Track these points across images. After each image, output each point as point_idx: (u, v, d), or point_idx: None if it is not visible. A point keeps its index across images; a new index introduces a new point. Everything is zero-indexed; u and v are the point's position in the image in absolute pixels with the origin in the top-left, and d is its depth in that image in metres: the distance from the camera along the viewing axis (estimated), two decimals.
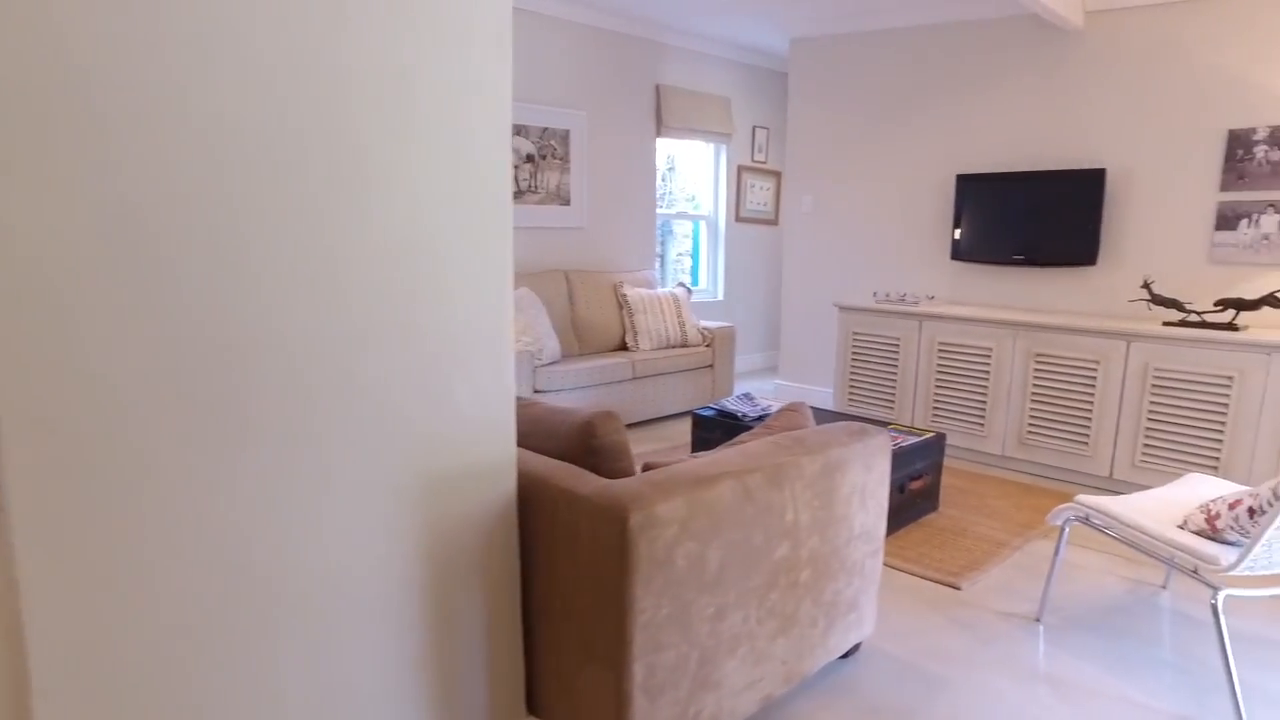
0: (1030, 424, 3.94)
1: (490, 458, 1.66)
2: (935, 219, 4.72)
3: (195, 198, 1.23)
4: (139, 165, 1.18)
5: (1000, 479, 3.89)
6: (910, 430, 3.42)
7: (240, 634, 1.36)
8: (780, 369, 5.69)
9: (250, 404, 1.32)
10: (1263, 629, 2.49)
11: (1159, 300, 3.68)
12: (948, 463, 4.16)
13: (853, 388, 4.67)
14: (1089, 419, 3.75)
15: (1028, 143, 4.29)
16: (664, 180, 6.55)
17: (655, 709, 1.61)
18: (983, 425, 4.12)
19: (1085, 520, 2.32)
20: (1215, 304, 3.52)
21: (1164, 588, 2.77)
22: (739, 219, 6.56)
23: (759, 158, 6.61)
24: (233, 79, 1.25)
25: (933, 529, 3.22)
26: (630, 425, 4.91)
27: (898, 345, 4.44)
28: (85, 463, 1.17)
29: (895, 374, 4.46)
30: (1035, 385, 3.91)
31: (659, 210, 6.22)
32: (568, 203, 5.35)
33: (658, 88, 5.77)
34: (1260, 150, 3.61)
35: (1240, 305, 3.45)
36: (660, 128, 5.82)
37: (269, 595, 1.38)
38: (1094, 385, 3.72)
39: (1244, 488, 2.42)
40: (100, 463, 1.18)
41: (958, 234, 4.50)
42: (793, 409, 2.34)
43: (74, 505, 1.17)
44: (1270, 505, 1.94)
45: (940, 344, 4.25)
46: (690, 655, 1.67)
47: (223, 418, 1.29)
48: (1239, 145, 3.65)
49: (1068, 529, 2.40)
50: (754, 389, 5.98)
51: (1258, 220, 3.63)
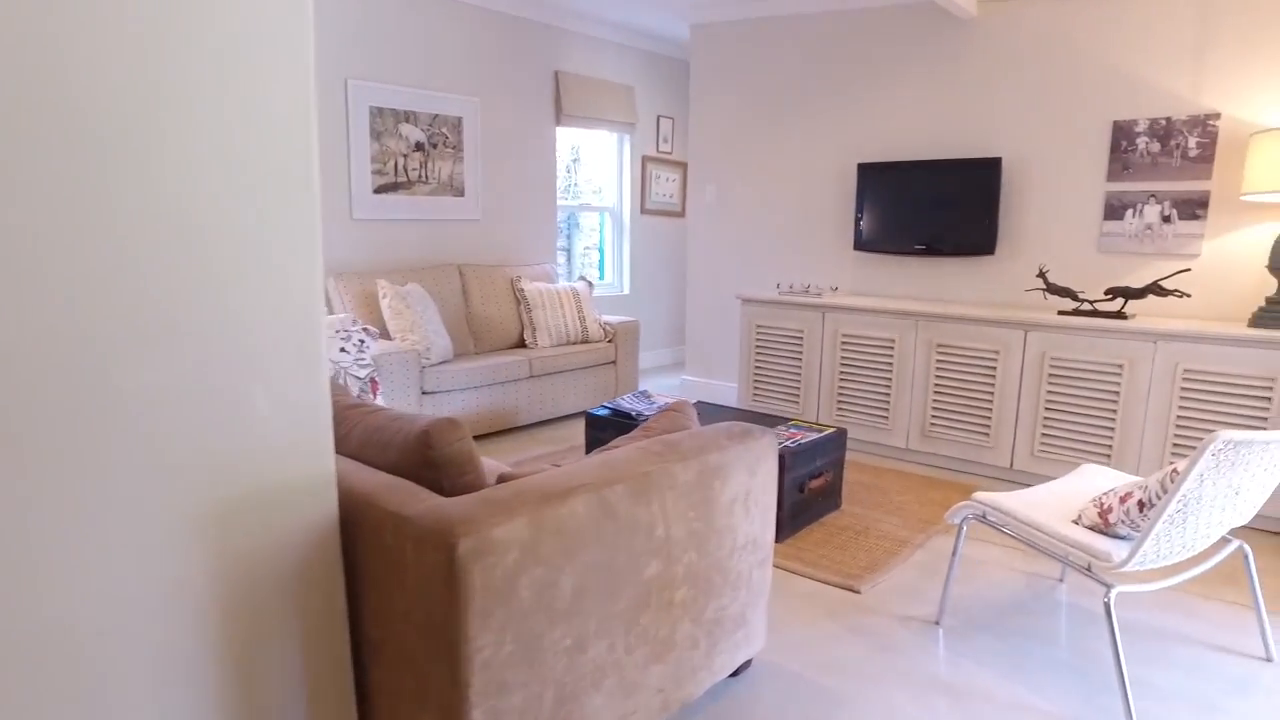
0: (933, 416, 3.89)
1: (301, 476, 1.40)
2: (838, 209, 4.64)
3: None
4: None
5: (904, 472, 3.82)
6: (811, 426, 3.29)
7: None
8: (687, 364, 5.54)
9: None
10: (1155, 619, 2.44)
11: (1053, 289, 3.67)
12: (852, 457, 4.08)
13: (757, 382, 4.55)
14: (990, 410, 3.72)
15: (927, 131, 4.25)
16: (568, 171, 6.32)
17: None
18: (887, 418, 4.05)
19: (982, 518, 2.21)
20: (1105, 293, 3.53)
21: (1061, 580, 2.71)
22: (644, 211, 6.38)
23: (664, 148, 6.44)
24: None
25: (834, 528, 3.10)
26: (528, 426, 4.66)
27: (801, 338, 4.33)
28: None
29: (799, 367, 4.35)
30: (937, 377, 3.86)
31: (563, 202, 5.98)
32: (462, 194, 5.05)
33: (556, 75, 5.52)
34: (1142, 142, 3.64)
35: (1128, 294, 3.46)
36: (560, 116, 5.58)
37: (14, 653, 1.10)
38: (994, 375, 3.69)
39: (1136, 479, 2.36)
40: None
41: (860, 224, 4.42)
42: (675, 409, 2.15)
43: None
44: (1159, 498, 1.86)
45: (843, 336, 4.16)
46: (544, 695, 1.45)
47: None
48: (1123, 137, 3.67)
49: (965, 527, 2.29)
50: (661, 385, 5.82)
51: (1141, 210, 3.66)
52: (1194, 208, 3.52)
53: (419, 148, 4.79)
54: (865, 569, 2.74)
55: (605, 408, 3.54)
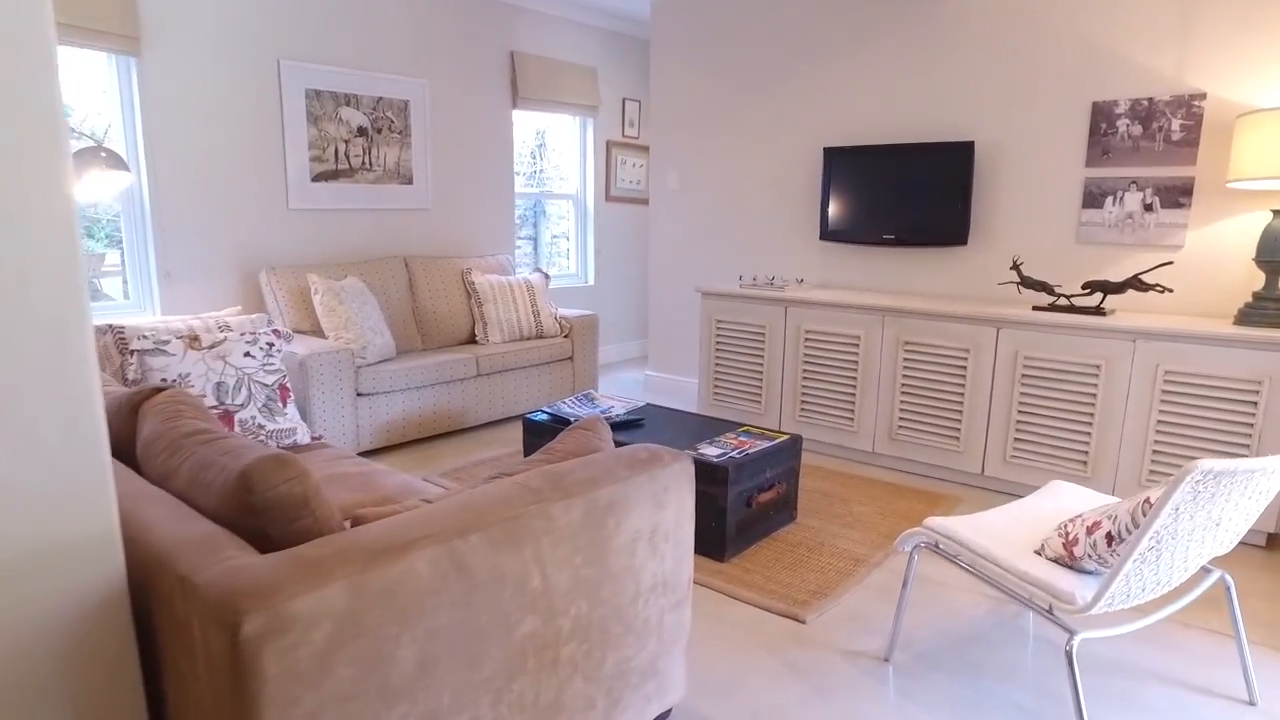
0: (901, 418, 3.65)
1: (69, 537, 1.14)
2: (804, 197, 4.38)
3: None
4: None
5: (869, 479, 3.58)
6: (764, 433, 3.04)
7: None
8: (650, 359, 5.28)
9: None
10: (1128, 653, 2.21)
11: (1028, 282, 3.42)
12: (816, 462, 3.84)
13: (718, 382, 4.30)
14: (960, 412, 3.47)
15: (896, 114, 3.98)
16: (534, 157, 6.03)
17: None
18: (852, 420, 3.81)
19: (934, 547, 1.97)
20: (1083, 286, 3.28)
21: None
22: (609, 198, 6.10)
23: (630, 132, 6.16)
24: None
25: (785, 545, 2.86)
26: (476, 427, 4.40)
27: (763, 334, 4.08)
28: None
29: (761, 366, 4.10)
30: (905, 376, 3.61)
31: (525, 189, 5.70)
32: (410, 181, 4.77)
33: (513, 55, 5.23)
34: (1122, 124, 3.38)
35: (1106, 288, 3.21)
36: (516, 99, 5.29)
37: None
38: (964, 375, 3.44)
39: (1107, 501, 2.12)
40: None
41: (827, 213, 4.16)
42: (585, 428, 1.89)
43: None
44: (1129, 531, 1.62)
45: (807, 332, 3.91)
46: None
47: None
48: (1103, 119, 3.42)
49: (917, 556, 2.05)
50: (625, 380, 5.56)
51: (1122, 198, 3.41)
52: (1177, 195, 3.27)
53: (361, 133, 4.50)
54: (814, 593, 2.50)
55: (544, 412, 3.28)
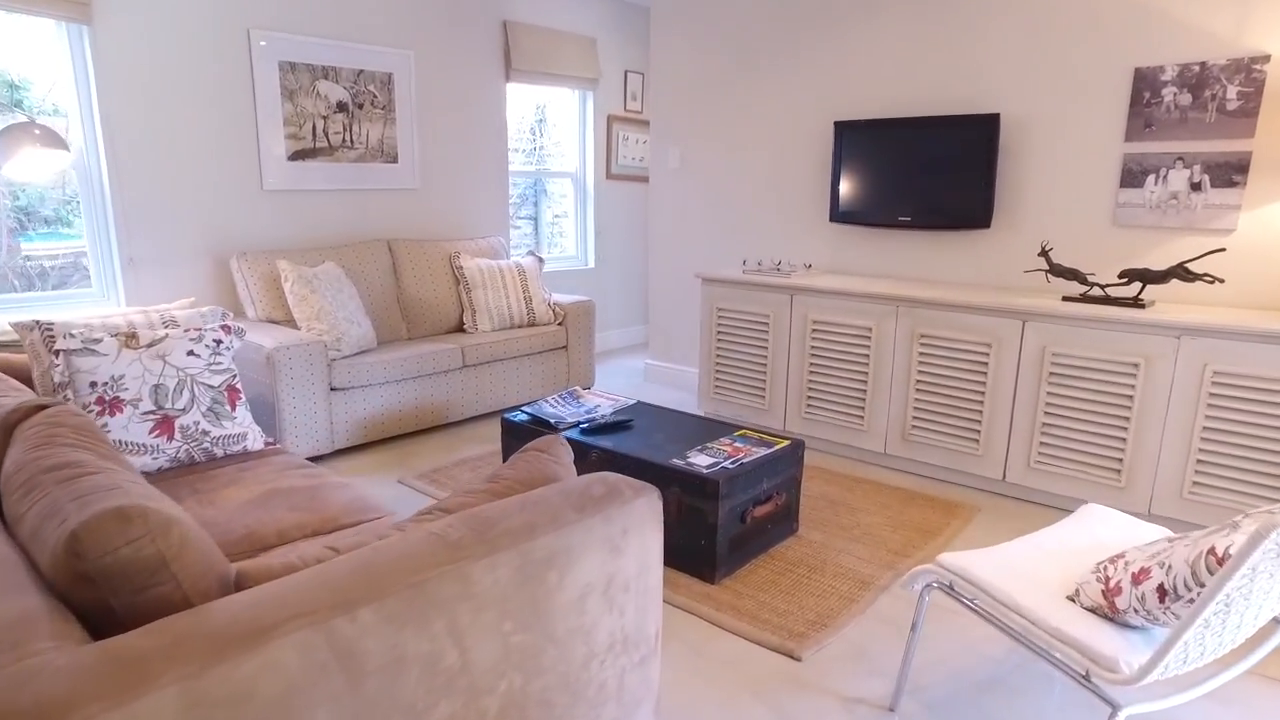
0: (915, 418, 3.35)
1: None
2: (813, 175, 4.06)
3: None
4: None
5: (879, 483, 3.30)
6: (762, 437, 2.76)
7: None
8: (650, 347, 5.01)
9: None
10: (1170, 710, 1.93)
11: (1058, 270, 3.11)
12: (823, 462, 3.56)
13: (719, 374, 4.02)
14: (980, 413, 3.18)
15: (913, 84, 3.64)
16: (534, 134, 5.73)
17: None
18: (862, 419, 3.52)
19: (949, 589, 1.69)
20: (1119, 276, 2.96)
21: None
22: (610, 176, 5.79)
23: (632, 106, 5.83)
24: None
25: (784, 563, 2.59)
26: (462, 422, 4.15)
27: (767, 324, 3.78)
28: None
29: (765, 357, 3.81)
30: (920, 372, 3.31)
31: (519, 167, 5.41)
32: (395, 160, 4.50)
33: (505, 25, 4.92)
34: (1169, 93, 3.03)
35: (1146, 278, 2.89)
36: (509, 72, 4.98)
37: None
38: (985, 372, 3.14)
39: (1150, 534, 1.83)
40: None
41: (837, 192, 3.84)
42: (541, 449, 1.63)
43: None
44: (1188, 588, 1.34)
45: (814, 322, 3.61)
46: None
47: None
48: (1146, 87, 3.07)
49: (928, 598, 1.78)
50: (624, 370, 5.29)
51: (1166, 176, 3.07)
52: (1231, 173, 2.93)
53: (341, 108, 4.23)
54: (812, 623, 2.23)
55: (524, 412, 3.02)
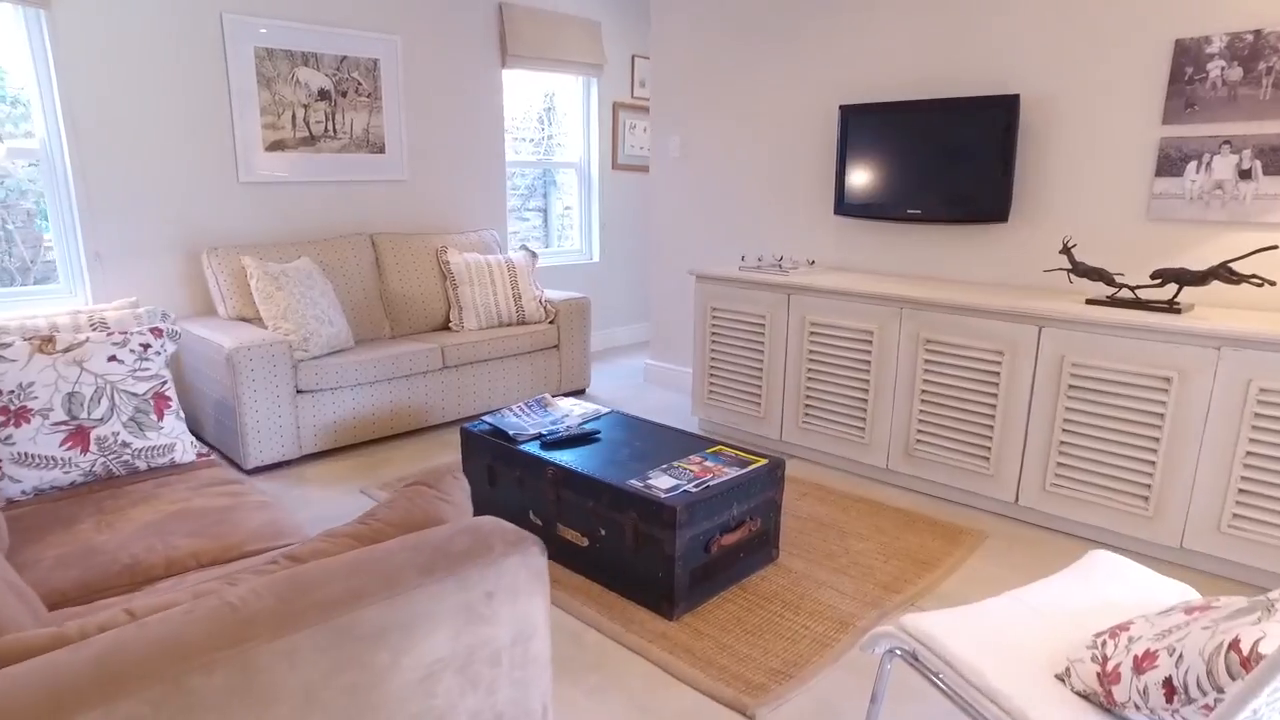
0: (920, 431, 3.05)
1: None
2: (817, 164, 3.75)
3: None
4: None
5: (877, 503, 3.00)
6: (738, 455, 2.50)
7: None
8: (651, 346, 4.75)
9: None
10: None
11: (1081, 269, 2.77)
12: (817, 477, 3.27)
13: (714, 379, 3.75)
14: (991, 427, 2.86)
15: (925, 63, 3.31)
16: (542, 122, 5.50)
17: None
18: (863, 431, 3.22)
19: (912, 658, 1.42)
20: (1152, 276, 2.61)
21: None
22: (616, 166, 5.54)
23: (640, 93, 5.56)
24: None
25: (756, 597, 2.32)
26: (443, 425, 3.95)
27: (763, 325, 3.50)
28: None
29: (761, 362, 3.53)
30: (926, 381, 3.00)
31: (535, 159, 5.18)
32: (381, 150, 4.30)
33: (501, 7, 4.68)
34: (1215, 67, 2.67)
35: (1183, 279, 2.54)
36: (506, 57, 4.75)
37: None
38: (997, 383, 2.82)
39: (1165, 595, 1.53)
40: None
41: (843, 183, 3.53)
42: (426, 483, 1.40)
43: None
44: (1203, 693, 1.05)
45: (812, 324, 3.32)
46: None
47: None
48: (1188, 61, 2.71)
49: (890, 664, 1.50)
50: (623, 370, 5.04)
51: (1209, 163, 2.71)
52: None
53: (323, 96, 4.04)
54: (775, 673, 1.97)
55: (485, 422, 2.79)
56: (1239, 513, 2.37)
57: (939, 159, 3.20)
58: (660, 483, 2.27)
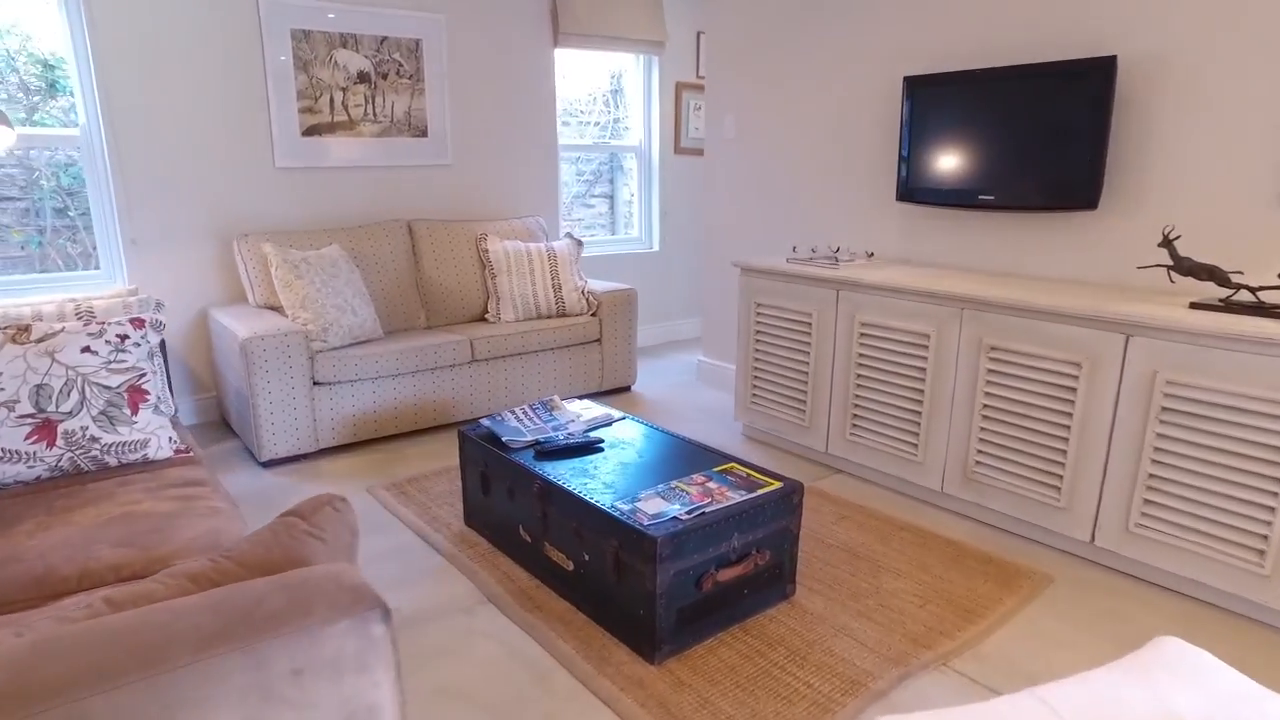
0: (980, 452, 2.63)
1: None
2: (879, 144, 3.34)
3: None
4: None
5: (927, 532, 2.61)
6: (750, 476, 2.18)
7: None
8: (704, 343, 4.44)
9: None
10: None
11: (1185, 266, 2.29)
12: (862, 497, 2.89)
13: (757, 382, 3.41)
14: (1064, 452, 2.42)
15: (1001, 22, 2.85)
16: (608, 105, 5.27)
17: None
18: (916, 447, 2.82)
19: None
20: None
21: None
22: (679, 150, 5.23)
23: (705, 72, 5.22)
24: None
25: (759, 640, 2.01)
26: (472, 421, 3.77)
27: (809, 324, 3.14)
28: None
29: (807, 364, 3.17)
30: (989, 394, 2.58)
31: (571, 141, 4.96)
32: (424, 133, 4.17)
33: None
34: None
35: None
36: (558, 36, 4.52)
37: None
38: (1072, 400, 2.38)
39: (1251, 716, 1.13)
40: None
41: (906, 165, 3.12)
42: (301, 515, 1.19)
43: None
44: None
45: (862, 325, 2.94)
46: None
47: None
48: None
49: None
50: (675, 367, 4.75)
51: None
52: None
53: (363, 79, 3.93)
54: None
55: (482, 425, 2.58)
56: None
57: (1016, 136, 2.75)
58: (649, 507, 1.99)
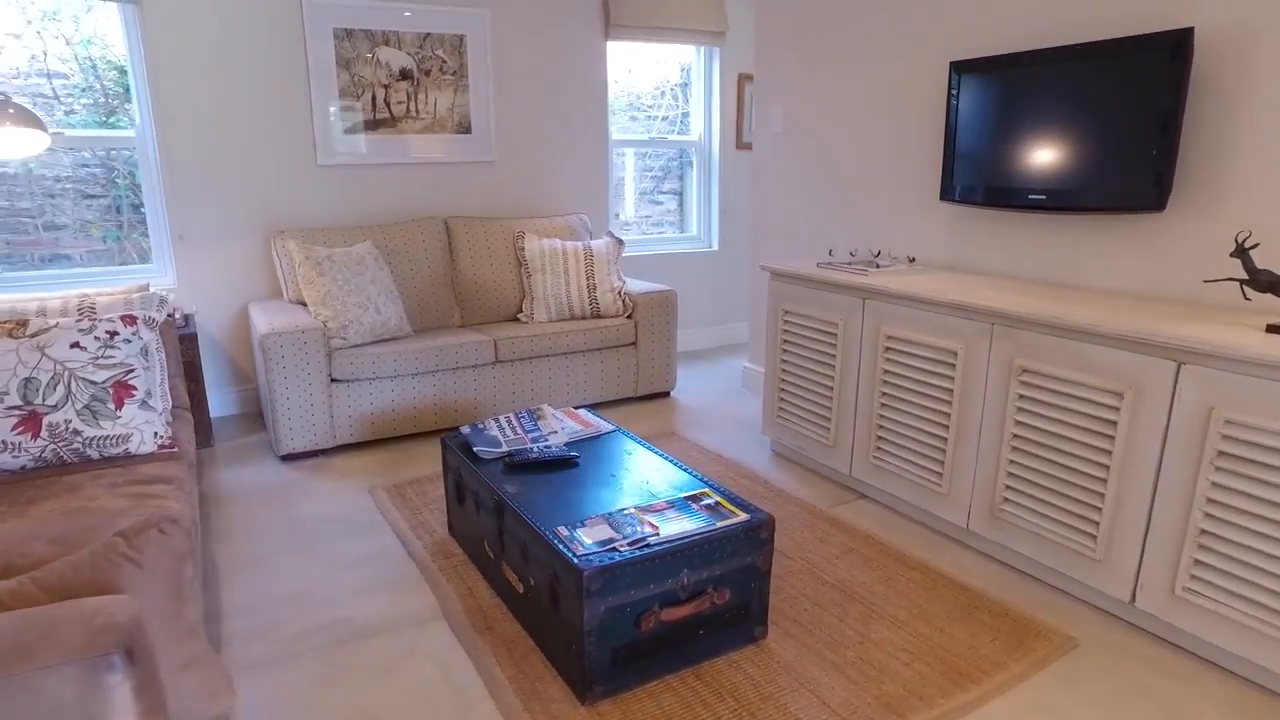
0: (1009, 487, 2.31)
1: None
2: (925, 137, 3.02)
3: None
4: None
5: (940, 574, 2.32)
6: (721, 505, 1.98)
7: None
8: (750, 349, 4.21)
9: None
10: None
11: (1263, 281, 1.91)
12: (877, 527, 2.61)
13: (784, 396, 3.17)
14: (1101, 495, 2.07)
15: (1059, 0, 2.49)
16: (676, 98, 5.12)
17: None
18: (941, 478, 2.52)
19: None
20: None
21: None
22: (741, 145, 4.99)
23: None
24: None
25: (710, 688, 1.81)
26: None
27: (835, 334, 2.87)
28: None
29: (832, 379, 2.91)
30: (1019, 423, 2.26)
31: (624, 136, 4.82)
32: (468, 130, 4.15)
33: None
34: None
35: None
36: (609, 28, 4.39)
37: None
38: (1112, 435, 2.03)
39: None
40: None
41: (951, 161, 2.80)
42: (126, 536, 1.13)
43: None
44: None
45: (887, 338, 2.65)
46: None
47: None
48: None
49: None
50: (720, 374, 4.52)
51: None
52: None
53: (405, 76, 3.94)
54: None
55: (462, 432, 2.49)
56: None
57: (1071, 126, 2.39)
58: (591, 534, 1.83)
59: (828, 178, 3.50)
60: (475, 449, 2.32)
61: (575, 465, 2.26)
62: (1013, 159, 2.57)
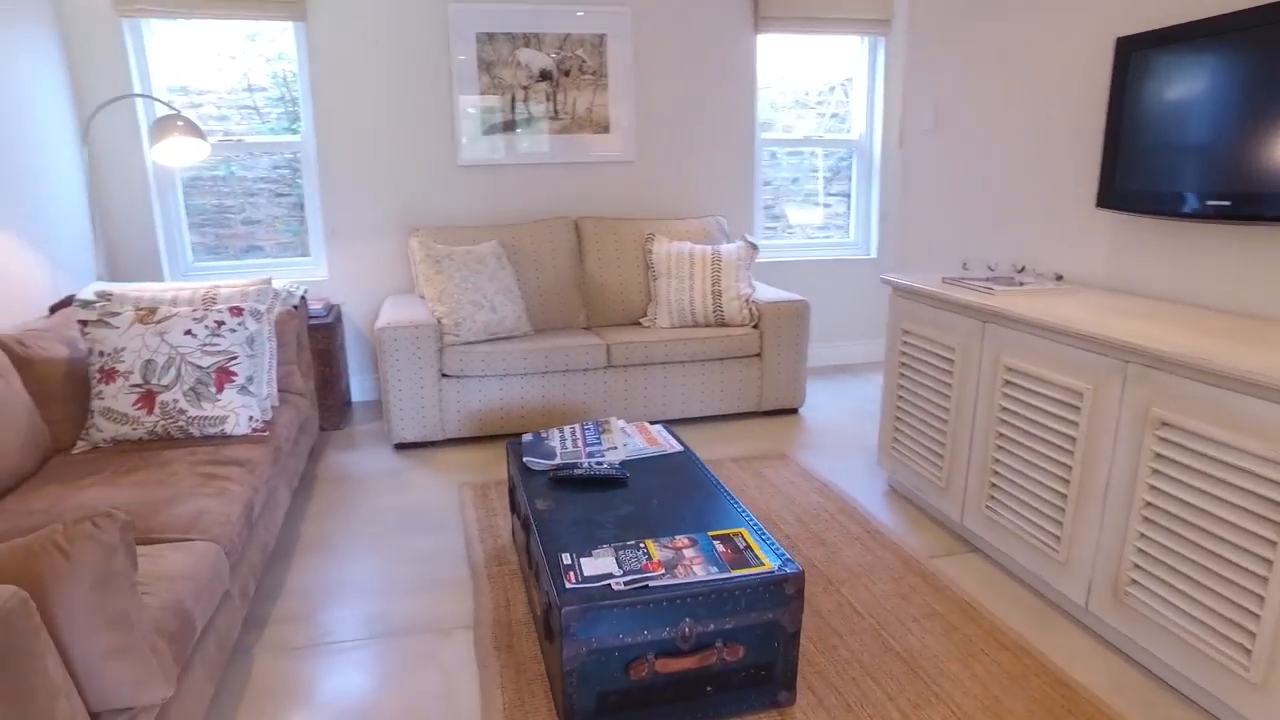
0: (1137, 566, 1.85)
1: None
2: (1079, 134, 2.52)
3: None
4: None
5: (1038, 660, 1.91)
6: (748, 550, 1.76)
7: None
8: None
9: None
10: None
11: None
12: (984, 591, 2.21)
13: (899, 426, 2.81)
14: (1265, 581, 1.59)
15: None
16: (846, 93, 4.81)
17: None
18: (1059, 541, 2.08)
19: None
20: None
21: None
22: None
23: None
24: None
25: None
26: None
27: (952, 360, 2.49)
28: None
29: (947, 411, 2.52)
30: (1154, 487, 1.80)
31: (772, 135, 4.56)
32: (606, 129, 4.13)
33: None
34: None
35: None
36: (758, 20, 4.17)
37: None
38: (1277, 506, 1.55)
39: None
40: None
41: (1113, 160, 2.31)
42: (56, 526, 1.17)
43: None
44: None
45: (1007, 369, 2.24)
46: None
47: None
48: None
49: None
50: (863, 392, 4.13)
51: None
52: None
53: (544, 77, 3.99)
54: None
55: (524, 440, 2.44)
56: None
57: (1266, 114, 1.87)
58: (592, 567, 1.69)
59: (980, 181, 3.06)
60: (525, 459, 2.26)
61: (623, 485, 2.13)
62: (1188, 157, 2.06)
